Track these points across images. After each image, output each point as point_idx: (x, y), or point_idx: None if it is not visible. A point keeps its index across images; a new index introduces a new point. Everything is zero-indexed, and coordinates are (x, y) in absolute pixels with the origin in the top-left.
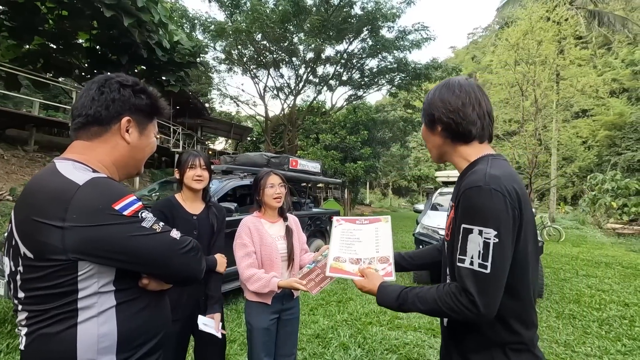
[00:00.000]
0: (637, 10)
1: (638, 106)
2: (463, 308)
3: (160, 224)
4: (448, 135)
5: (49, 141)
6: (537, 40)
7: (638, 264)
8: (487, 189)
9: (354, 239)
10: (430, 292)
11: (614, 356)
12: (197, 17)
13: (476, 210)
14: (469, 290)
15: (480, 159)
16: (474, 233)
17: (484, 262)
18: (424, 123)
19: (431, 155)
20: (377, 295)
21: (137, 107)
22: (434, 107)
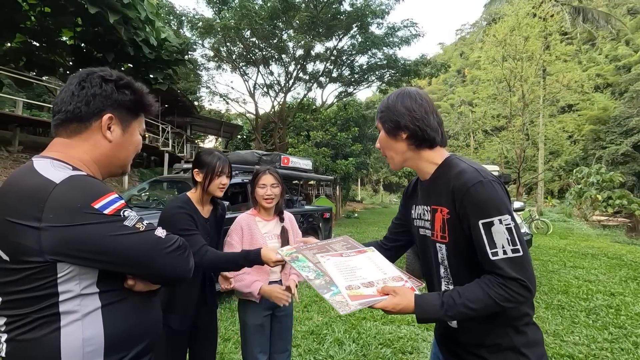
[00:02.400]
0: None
1: (621, 101)
2: (517, 295)
3: (144, 223)
4: (413, 142)
5: (34, 141)
6: (523, 36)
7: (623, 254)
8: (488, 182)
9: (352, 268)
10: (475, 289)
11: (601, 344)
12: (184, 13)
13: (489, 203)
14: (517, 278)
15: (448, 159)
16: (496, 224)
17: (515, 247)
18: (385, 131)
19: (391, 163)
20: (416, 308)
21: (120, 103)
22: (398, 114)
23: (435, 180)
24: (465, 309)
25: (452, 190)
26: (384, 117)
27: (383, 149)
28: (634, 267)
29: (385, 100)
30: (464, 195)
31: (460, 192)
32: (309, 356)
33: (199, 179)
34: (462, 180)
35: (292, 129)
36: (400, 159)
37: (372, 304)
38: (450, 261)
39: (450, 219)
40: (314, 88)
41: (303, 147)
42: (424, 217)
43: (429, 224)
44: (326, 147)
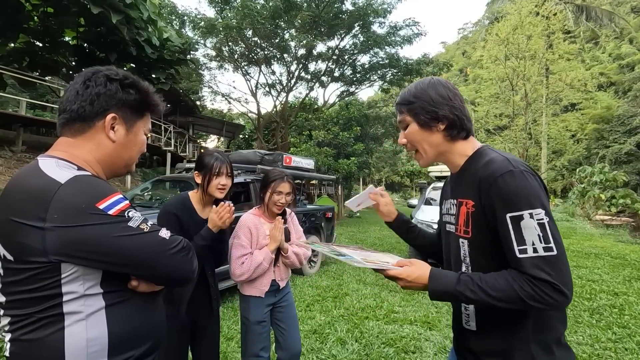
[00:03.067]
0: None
1: (625, 99)
2: (547, 297)
3: (148, 224)
4: (450, 133)
5: (37, 141)
6: (526, 35)
7: (626, 254)
8: (519, 171)
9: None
10: (498, 277)
11: (605, 344)
12: (186, 13)
13: (518, 195)
14: (546, 280)
15: (480, 150)
16: (526, 218)
17: (547, 245)
18: (418, 123)
19: (422, 159)
20: (429, 279)
21: (125, 102)
22: (435, 103)
23: (463, 172)
24: (483, 294)
25: (479, 180)
26: (415, 109)
27: (413, 143)
28: (637, 266)
29: (409, 91)
30: (490, 186)
31: (486, 182)
32: (312, 355)
33: (198, 180)
34: (489, 170)
35: (294, 128)
36: (434, 153)
37: (386, 268)
38: (472, 258)
39: (474, 212)
40: (315, 87)
41: (305, 146)
42: (451, 211)
43: (454, 218)
44: (328, 146)
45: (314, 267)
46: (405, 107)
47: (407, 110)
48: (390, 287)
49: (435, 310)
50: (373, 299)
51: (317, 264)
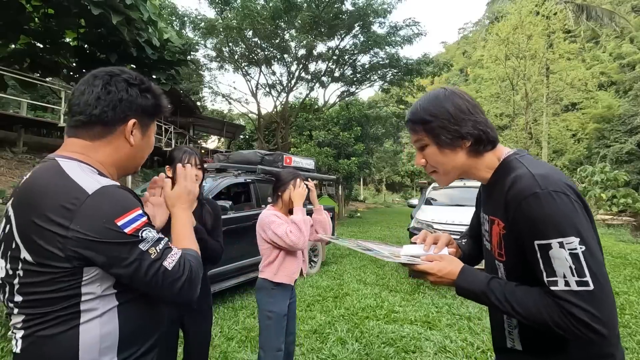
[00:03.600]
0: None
1: (626, 99)
2: (577, 332)
3: (158, 248)
4: (476, 149)
5: (38, 142)
6: (526, 34)
7: (627, 253)
8: (545, 194)
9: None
10: (528, 297)
11: None
12: (186, 14)
13: (545, 222)
14: (581, 318)
15: (506, 160)
16: (554, 248)
17: (581, 279)
18: (437, 144)
19: (443, 179)
20: (459, 275)
21: (143, 107)
22: (457, 121)
23: (494, 186)
24: (508, 306)
25: (506, 201)
26: (434, 129)
27: (435, 165)
28: (638, 266)
29: (423, 107)
30: (516, 209)
31: (512, 203)
32: (312, 355)
33: (169, 174)
34: (514, 191)
35: (295, 128)
36: (458, 173)
37: (418, 263)
38: (510, 280)
39: (505, 234)
40: (316, 88)
41: (305, 146)
42: (485, 227)
43: (489, 236)
44: (329, 146)
45: (314, 267)
46: (420, 127)
47: (425, 131)
48: (391, 287)
49: (435, 310)
50: (373, 298)
51: (318, 264)
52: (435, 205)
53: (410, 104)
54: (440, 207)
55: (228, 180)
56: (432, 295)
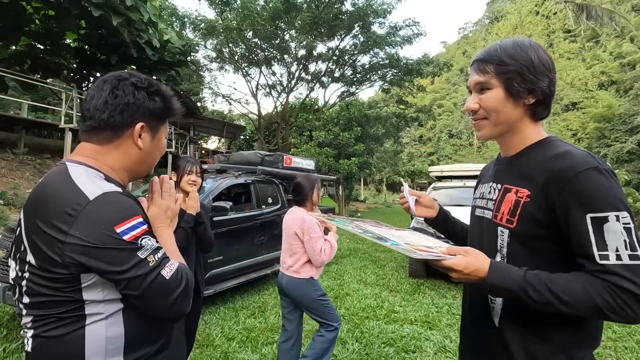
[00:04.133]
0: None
1: (626, 98)
2: (628, 309)
3: (156, 256)
4: (534, 110)
5: (39, 143)
6: (526, 34)
7: None
8: (604, 170)
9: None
10: (572, 280)
11: (605, 342)
12: (186, 15)
13: (604, 195)
14: (631, 290)
15: (550, 138)
16: (611, 221)
17: (634, 252)
18: (507, 89)
19: (485, 130)
20: (490, 272)
21: (151, 111)
22: (537, 72)
23: (520, 158)
24: (552, 296)
25: (551, 172)
26: (509, 72)
27: (490, 111)
28: None
29: (503, 48)
30: (569, 181)
31: (563, 176)
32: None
33: (174, 178)
34: (568, 163)
35: (295, 129)
36: (503, 129)
37: (441, 259)
38: (510, 250)
39: (527, 202)
40: (316, 88)
41: (306, 147)
42: (488, 195)
43: (492, 204)
44: (329, 147)
45: None
46: (493, 67)
47: (497, 72)
48: (391, 287)
49: (435, 310)
50: (374, 299)
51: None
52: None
53: (410, 104)
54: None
55: (228, 181)
56: (432, 295)
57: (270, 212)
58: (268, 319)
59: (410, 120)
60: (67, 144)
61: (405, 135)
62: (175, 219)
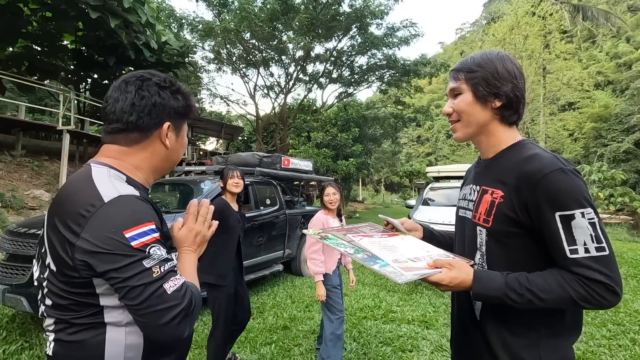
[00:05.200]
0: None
1: (623, 98)
2: (601, 298)
3: (163, 268)
4: (502, 113)
5: (37, 145)
6: (523, 35)
7: (624, 252)
8: (569, 170)
9: (391, 246)
10: (548, 278)
11: (599, 341)
12: (184, 16)
13: (570, 194)
14: (600, 280)
15: (523, 142)
16: (577, 218)
17: (599, 245)
18: (474, 93)
19: (460, 133)
20: (474, 282)
21: (176, 109)
22: (500, 78)
23: (496, 160)
24: (532, 296)
25: (521, 174)
26: (477, 78)
27: (460, 114)
28: (634, 264)
29: (473, 59)
30: (537, 183)
31: (532, 178)
32: (311, 355)
33: (222, 184)
34: (536, 165)
35: (293, 130)
36: (475, 131)
37: (427, 275)
38: (488, 247)
39: (501, 203)
40: (314, 89)
41: (304, 148)
42: (469, 197)
43: (472, 205)
44: (327, 147)
45: None
46: (463, 74)
47: (466, 78)
48: (389, 287)
49: (432, 310)
50: (371, 299)
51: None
52: (432, 205)
53: (408, 104)
54: (438, 208)
55: None
56: (430, 295)
57: (269, 213)
58: (267, 319)
59: (408, 121)
60: (65, 146)
61: (403, 135)
62: (203, 246)
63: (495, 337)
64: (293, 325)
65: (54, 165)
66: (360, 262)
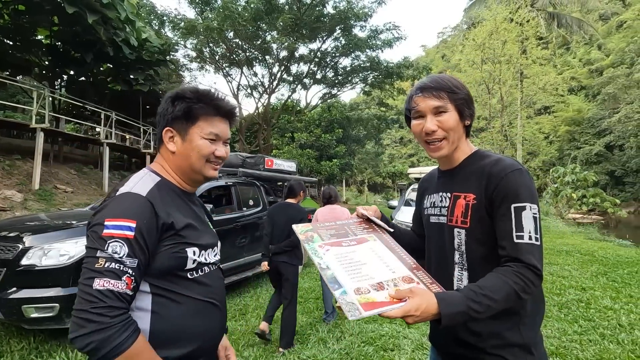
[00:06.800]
0: (592, 12)
1: (594, 103)
2: (530, 284)
3: (109, 265)
4: (468, 130)
5: (8, 143)
6: (501, 40)
7: (594, 250)
8: (525, 171)
9: (356, 263)
10: (492, 279)
11: (571, 336)
12: (165, 14)
13: (524, 190)
14: (533, 264)
15: (480, 151)
16: (527, 210)
17: (537, 235)
18: (460, 113)
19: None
20: (440, 305)
21: (174, 115)
22: (470, 101)
23: (462, 168)
24: (488, 300)
25: (488, 176)
26: (460, 99)
27: (447, 131)
28: (604, 262)
29: (449, 80)
30: (500, 181)
31: (497, 177)
32: (293, 356)
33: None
34: (500, 167)
35: (277, 130)
36: (454, 146)
37: (388, 312)
38: (468, 246)
39: (475, 204)
40: (298, 89)
41: (287, 148)
42: (440, 203)
43: (446, 210)
44: (310, 148)
45: None
46: (447, 94)
47: (452, 99)
48: None
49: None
50: None
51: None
52: (414, 206)
53: (391, 106)
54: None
55: (208, 183)
56: None
57: (251, 214)
58: (249, 321)
59: (391, 122)
60: (38, 145)
61: (386, 137)
62: None
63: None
64: (276, 326)
65: (27, 165)
66: (326, 282)
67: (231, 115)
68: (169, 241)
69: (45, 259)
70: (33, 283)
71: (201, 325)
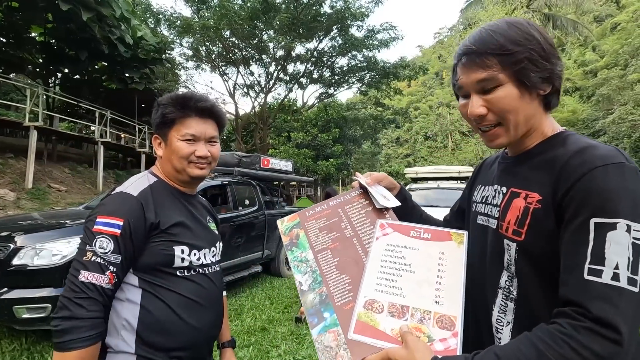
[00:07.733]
0: (586, 14)
1: (589, 104)
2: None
3: (94, 258)
4: (549, 100)
5: (1, 142)
6: None
7: None
8: (632, 168)
9: (401, 265)
10: (523, 346)
11: None
12: (161, 12)
13: (621, 197)
14: (610, 324)
15: (566, 133)
16: (619, 230)
17: (634, 276)
18: (521, 83)
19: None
20: None
21: (156, 123)
22: (548, 55)
23: (531, 156)
24: None
25: (561, 169)
26: (520, 61)
27: (504, 112)
28: None
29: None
30: (580, 178)
31: (574, 173)
32: (289, 356)
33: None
34: (584, 157)
35: (273, 130)
36: (522, 131)
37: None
38: (519, 268)
39: (538, 209)
40: (294, 89)
41: (284, 148)
42: (492, 201)
43: (497, 211)
44: (307, 148)
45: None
46: (495, 59)
47: (503, 63)
48: None
49: None
50: None
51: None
52: None
53: (387, 106)
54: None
55: (204, 183)
56: None
57: (247, 214)
58: (245, 321)
59: (387, 122)
60: (32, 143)
61: (382, 137)
62: None
63: None
64: (272, 326)
65: (20, 164)
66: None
67: (209, 114)
68: (156, 239)
69: (37, 259)
70: (25, 283)
71: (186, 321)
